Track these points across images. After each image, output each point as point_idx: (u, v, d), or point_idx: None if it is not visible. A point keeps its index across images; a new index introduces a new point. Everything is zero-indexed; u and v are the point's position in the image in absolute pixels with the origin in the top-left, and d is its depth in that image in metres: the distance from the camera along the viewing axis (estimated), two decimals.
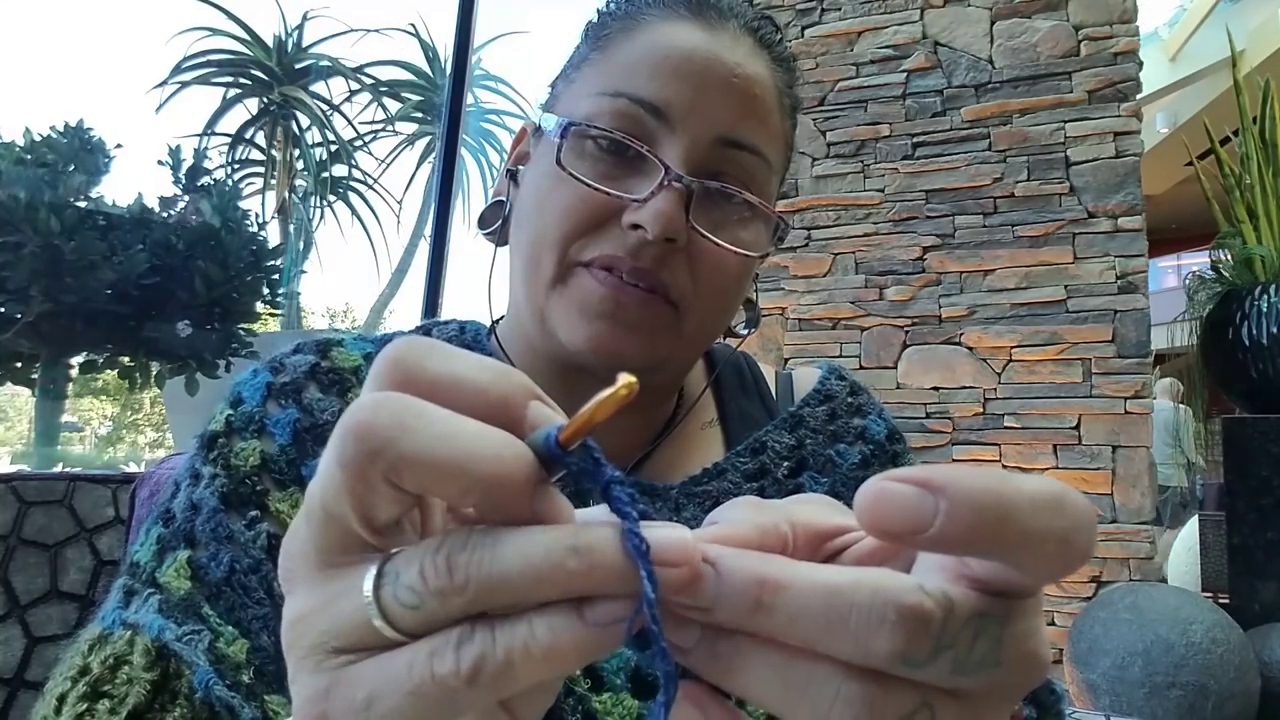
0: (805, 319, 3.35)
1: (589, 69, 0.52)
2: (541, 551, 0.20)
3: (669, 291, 0.48)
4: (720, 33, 0.51)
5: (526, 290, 0.51)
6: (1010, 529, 0.19)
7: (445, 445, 0.20)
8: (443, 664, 0.20)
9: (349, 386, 0.52)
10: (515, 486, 0.20)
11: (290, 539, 0.23)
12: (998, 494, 0.20)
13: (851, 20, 3.46)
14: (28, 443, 6.98)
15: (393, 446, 0.19)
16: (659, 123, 0.49)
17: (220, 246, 3.32)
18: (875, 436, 0.62)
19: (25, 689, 1.97)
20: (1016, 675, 0.21)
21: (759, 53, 0.52)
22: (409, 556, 0.21)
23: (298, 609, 0.23)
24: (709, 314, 0.51)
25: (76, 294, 2.94)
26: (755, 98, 0.51)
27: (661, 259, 0.48)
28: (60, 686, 0.39)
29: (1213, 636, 2.18)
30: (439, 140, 3.11)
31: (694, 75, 0.49)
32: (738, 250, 0.50)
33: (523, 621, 0.20)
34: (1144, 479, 2.85)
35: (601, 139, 0.49)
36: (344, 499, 0.20)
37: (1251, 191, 2.96)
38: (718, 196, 0.50)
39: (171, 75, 10.07)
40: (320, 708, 0.21)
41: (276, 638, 0.42)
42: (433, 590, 0.20)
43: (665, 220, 0.46)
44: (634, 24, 0.52)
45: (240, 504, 0.46)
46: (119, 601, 0.44)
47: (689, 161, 0.48)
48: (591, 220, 0.48)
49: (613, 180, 0.48)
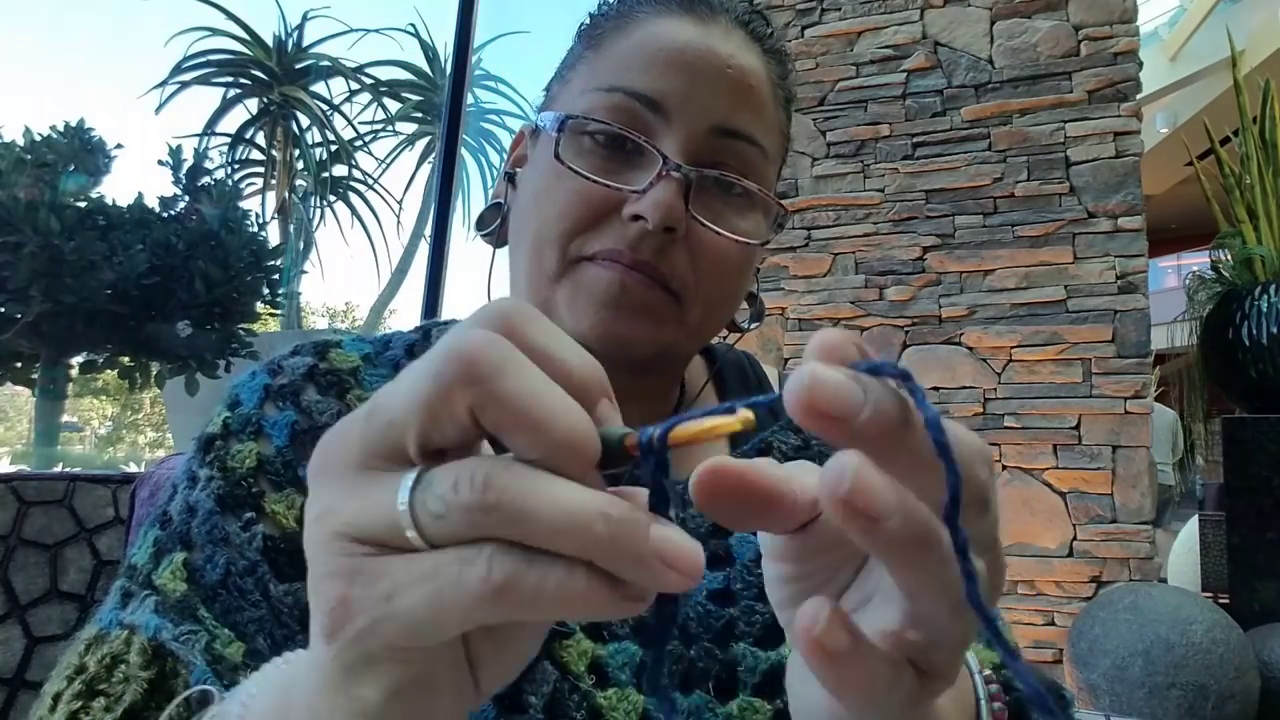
0: (805, 319, 3.35)
1: (584, 68, 0.53)
2: (576, 504, 0.21)
3: (669, 281, 0.49)
4: (712, 26, 0.51)
5: (530, 286, 0.52)
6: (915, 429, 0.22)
7: (534, 399, 0.21)
8: (472, 571, 0.21)
9: (348, 388, 0.52)
10: (580, 459, 0.22)
11: (332, 436, 0.24)
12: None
13: (851, 20, 3.46)
14: (28, 443, 6.98)
15: (489, 381, 0.21)
16: (655, 115, 0.49)
17: (220, 246, 3.32)
18: None
19: (25, 689, 1.97)
20: None
21: (751, 45, 0.53)
22: (446, 470, 0.22)
23: (326, 501, 0.23)
24: (711, 303, 0.51)
25: (76, 294, 2.94)
26: (750, 88, 0.51)
27: (662, 249, 0.48)
28: (56, 685, 0.39)
29: (1213, 636, 2.18)
30: (439, 140, 3.11)
31: (688, 67, 0.49)
32: (737, 238, 0.50)
33: (561, 563, 0.21)
34: (1144, 479, 2.85)
35: (599, 133, 0.49)
36: (420, 410, 0.22)
37: (1251, 191, 2.96)
38: (716, 186, 0.50)
39: (171, 75, 10.08)
40: (342, 590, 0.22)
41: (273, 640, 0.42)
42: (463, 503, 0.21)
43: (665, 209, 0.46)
44: (627, 21, 0.52)
45: (236, 506, 0.46)
46: (116, 603, 0.44)
47: (686, 152, 0.49)
48: (592, 214, 0.49)
49: (611, 174, 0.48)
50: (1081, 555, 2.87)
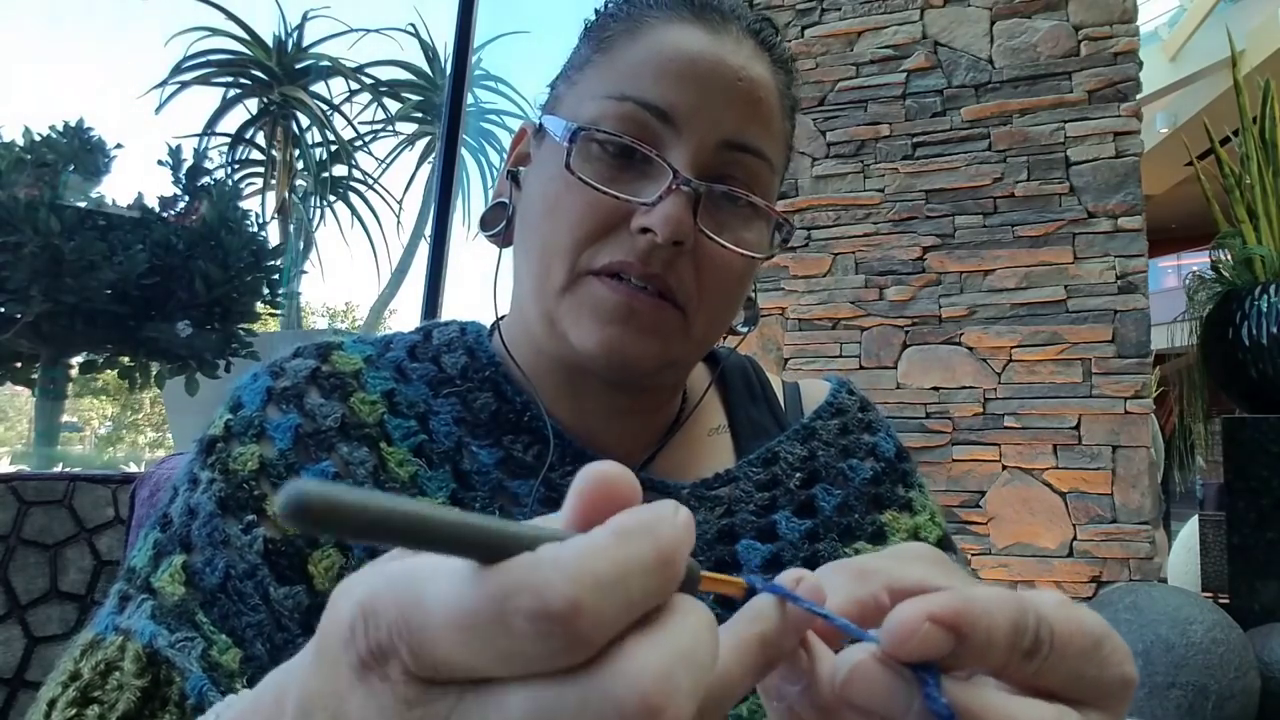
0: (805, 319, 3.35)
1: (591, 71, 0.52)
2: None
3: (675, 295, 0.49)
4: (723, 36, 0.51)
5: (535, 295, 0.51)
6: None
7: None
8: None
9: (350, 391, 0.52)
10: None
11: None
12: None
13: (851, 20, 3.46)
14: (28, 443, 6.97)
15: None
16: (665, 126, 0.49)
17: (220, 246, 3.32)
18: (886, 454, 0.63)
19: (25, 689, 1.97)
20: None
21: (761, 55, 0.52)
22: None
23: None
24: (715, 315, 0.52)
25: (76, 294, 2.94)
26: (759, 101, 0.51)
27: (669, 262, 0.48)
28: (51, 691, 0.39)
29: (1213, 636, 2.18)
30: (439, 140, 3.11)
31: (699, 79, 0.49)
32: (742, 251, 0.50)
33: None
34: (1144, 479, 2.85)
35: (609, 143, 0.49)
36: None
37: (1251, 191, 2.96)
38: (723, 199, 0.50)
39: (171, 75, 10.07)
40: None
41: (271, 645, 0.42)
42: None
43: (675, 224, 0.46)
44: (637, 26, 0.52)
45: (238, 508, 0.46)
46: (114, 607, 0.44)
47: (695, 165, 0.48)
48: (601, 226, 0.48)
49: (619, 183, 0.48)
50: (1081, 555, 2.87)
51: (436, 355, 0.56)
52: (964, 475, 3.05)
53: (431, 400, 0.53)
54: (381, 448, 0.50)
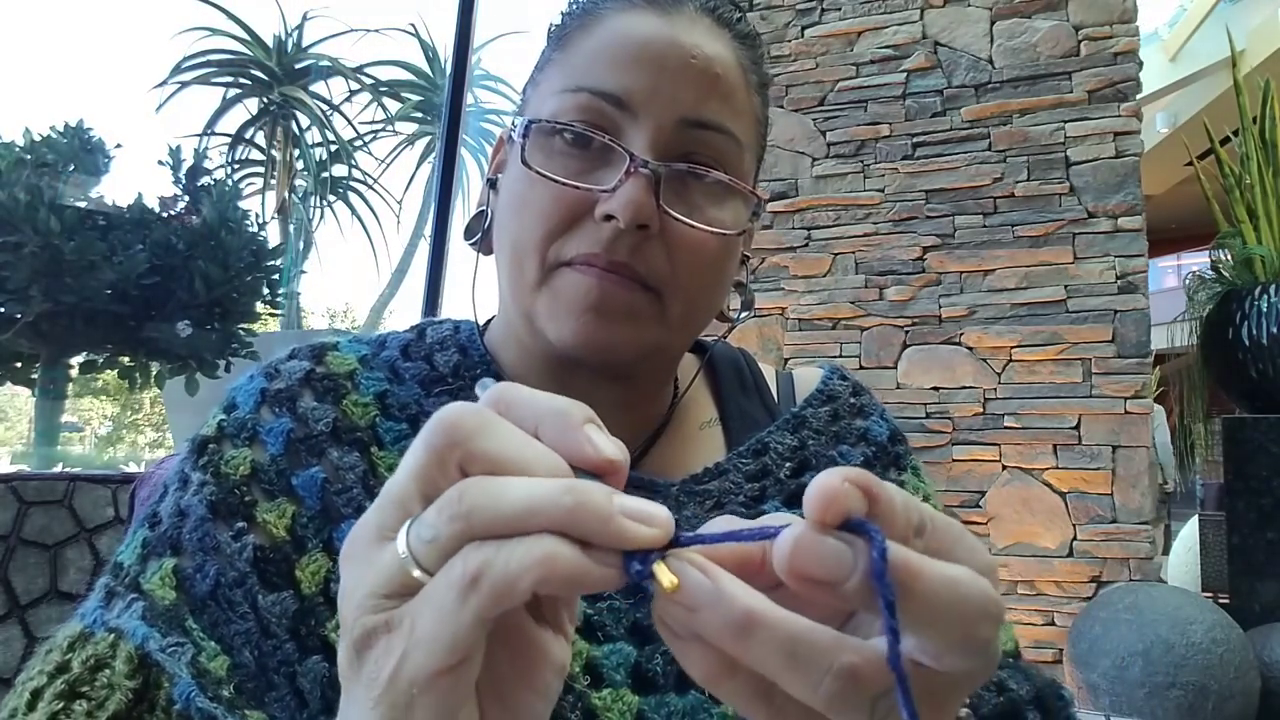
0: (805, 319, 3.35)
1: (552, 69, 0.52)
2: (541, 487, 0.23)
3: (647, 279, 0.48)
4: (676, 16, 0.51)
5: (513, 293, 0.52)
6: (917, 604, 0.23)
7: (511, 448, 0.25)
8: (450, 573, 0.23)
9: (344, 393, 0.52)
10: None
11: (357, 527, 0.26)
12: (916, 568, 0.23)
13: (851, 20, 3.46)
14: (28, 443, 6.98)
15: (471, 439, 0.24)
16: (622, 112, 0.48)
17: (220, 246, 3.32)
18: (877, 438, 0.62)
19: None
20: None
21: (718, 31, 0.52)
22: (432, 505, 0.24)
23: (353, 578, 0.26)
24: (692, 297, 0.51)
25: (76, 294, 2.94)
26: (717, 76, 0.50)
27: (637, 247, 0.48)
28: (35, 681, 0.39)
29: (1213, 636, 2.18)
30: (439, 140, 3.11)
31: (652, 61, 0.49)
32: (713, 229, 0.49)
33: (526, 539, 0.23)
34: (1144, 479, 2.85)
35: (566, 133, 0.49)
36: (416, 477, 0.25)
37: (1251, 191, 2.96)
38: (689, 178, 0.49)
39: (171, 75, 10.08)
40: (381, 638, 0.24)
41: (260, 653, 0.42)
42: (445, 518, 0.23)
43: (635, 207, 0.46)
44: (591, 19, 0.52)
45: (228, 514, 0.46)
46: (100, 601, 0.43)
47: (655, 146, 0.48)
48: (567, 218, 0.48)
49: (582, 174, 0.48)
50: (1081, 555, 2.87)
51: (430, 354, 0.56)
52: (964, 475, 3.05)
53: (424, 400, 0.53)
54: (372, 452, 0.50)
